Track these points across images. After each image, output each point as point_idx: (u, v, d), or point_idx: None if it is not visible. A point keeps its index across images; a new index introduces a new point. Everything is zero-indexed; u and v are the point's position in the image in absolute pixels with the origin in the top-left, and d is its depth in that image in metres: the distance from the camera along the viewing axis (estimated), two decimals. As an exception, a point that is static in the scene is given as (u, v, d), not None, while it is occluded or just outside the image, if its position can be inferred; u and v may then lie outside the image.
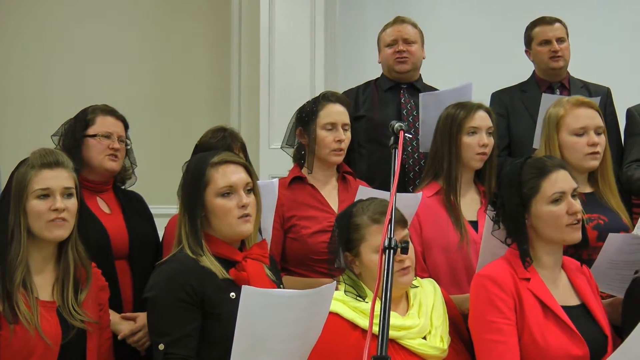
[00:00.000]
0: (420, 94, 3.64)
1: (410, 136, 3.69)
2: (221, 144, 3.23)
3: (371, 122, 3.90)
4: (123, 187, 3.35)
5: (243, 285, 2.05)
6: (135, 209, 3.31)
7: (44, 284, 2.53)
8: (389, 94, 3.99)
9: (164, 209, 3.60)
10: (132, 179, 3.39)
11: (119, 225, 3.19)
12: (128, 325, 3.03)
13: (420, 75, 4.05)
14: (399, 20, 4.01)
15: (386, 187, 2.89)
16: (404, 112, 3.88)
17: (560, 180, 2.52)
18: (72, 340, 2.49)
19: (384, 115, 3.82)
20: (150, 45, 5.56)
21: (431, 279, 2.74)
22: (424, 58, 4.03)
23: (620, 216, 3.03)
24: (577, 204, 2.51)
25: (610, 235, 2.78)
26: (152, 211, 3.42)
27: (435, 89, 4.01)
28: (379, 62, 4.09)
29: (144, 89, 5.49)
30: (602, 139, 3.05)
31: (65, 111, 3.37)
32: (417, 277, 2.70)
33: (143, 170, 3.49)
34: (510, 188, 2.54)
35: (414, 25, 4.01)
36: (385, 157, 3.49)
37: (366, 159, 3.83)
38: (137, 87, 5.47)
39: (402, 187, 3.66)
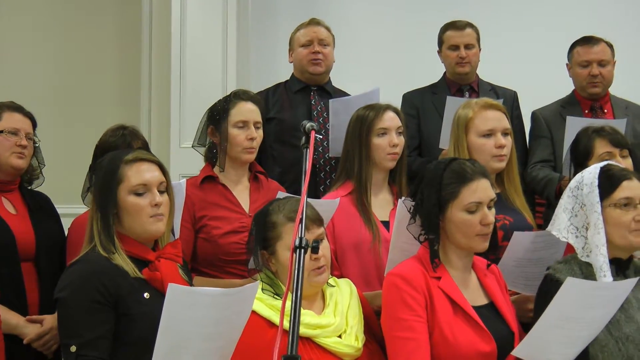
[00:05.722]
0: (330, 100, 3.67)
1: (321, 137, 3.73)
2: (121, 142, 3.18)
3: (282, 123, 3.91)
4: (30, 187, 3.27)
5: (169, 283, 2.03)
6: (42, 210, 3.24)
7: None
8: (299, 96, 4.02)
9: (71, 209, 3.53)
10: (40, 179, 3.31)
11: (25, 226, 3.12)
12: (34, 328, 2.97)
13: (329, 78, 4.08)
14: (314, 22, 4.04)
15: (297, 187, 2.91)
16: (314, 113, 3.91)
17: (479, 190, 2.52)
18: None
19: (295, 116, 3.84)
20: (56, 42, 5.45)
21: (348, 280, 2.77)
22: (333, 62, 4.06)
23: (524, 216, 3.11)
24: (490, 216, 2.54)
25: (516, 234, 2.85)
26: (59, 211, 3.35)
27: (343, 92, 4.06)
28: (291, 62, 4.10)
29: (50, 87, 5.38)
30: (509, 141, 3.12)
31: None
32: (334, 277, 2.72)
33: (50, 170, 3.41)
34: (430, 187, 2.55)
35: (328, 29, 4.05)
36: (297, 158, 3.53)
37: (277, 161, 3.84)
38: (43, 85, 5.36)
39: (313, 188, 3.70)
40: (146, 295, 2.45)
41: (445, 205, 2.53)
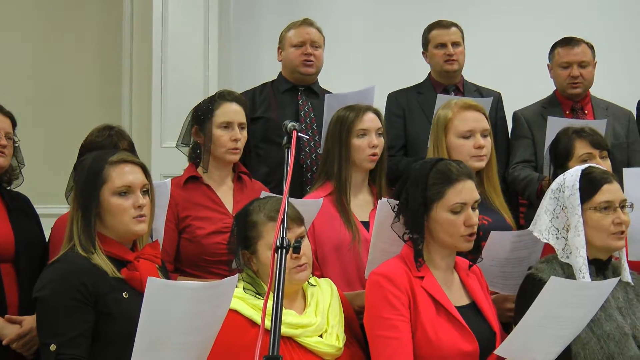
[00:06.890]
0: (326, 95, 3.68)
1: (308, 137, 3.73)
2: (107, 143, 3.17)
3: (269, 123, 3.91)
4: (9, 188, 3.25)
5: (149, 277, 2.03)
6: (21, 210, 3.21)
7: None
8: (287, 96, 4.02)
9: (51, 209, 3.51)
10: (19, 179, 3.28)
11: (4, 227, 3.09)
12: (14, 329, 2.95)
13: (317, 79, 4.09)
14: (307, 22, 4.04)
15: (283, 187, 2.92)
16: (301, 113, 3.92)
17: (464, 191, 2.54)
18: None
19: (282, 116, 3.82)
20: (37, 41, 5.42)
21: (328, 279, 2.77)
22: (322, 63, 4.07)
23: (503, 216, 3.13)
24: (474, 217, 2.55)
25: (493, 233, 2.85)
26: (39, 211, 3.33)
27: (330, 92, 4.05)
28: (280, 61, 4.09)
29: (31, 86, 5.34)
30: (488, 141, 3.13)
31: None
32: (315, 277, 2.73)
33: (30, 170, 3.39)
34: (416, 187, 2.56)
35: (319, 30, 4.05)
36: (284, 158, 3.54)
37: (264, 160, 3.84)
38: (23, 84, 5.32)
39: (299, 187, 3.69)
40: (125, 294, 2.47)
41: (430, 205, 2.54)
